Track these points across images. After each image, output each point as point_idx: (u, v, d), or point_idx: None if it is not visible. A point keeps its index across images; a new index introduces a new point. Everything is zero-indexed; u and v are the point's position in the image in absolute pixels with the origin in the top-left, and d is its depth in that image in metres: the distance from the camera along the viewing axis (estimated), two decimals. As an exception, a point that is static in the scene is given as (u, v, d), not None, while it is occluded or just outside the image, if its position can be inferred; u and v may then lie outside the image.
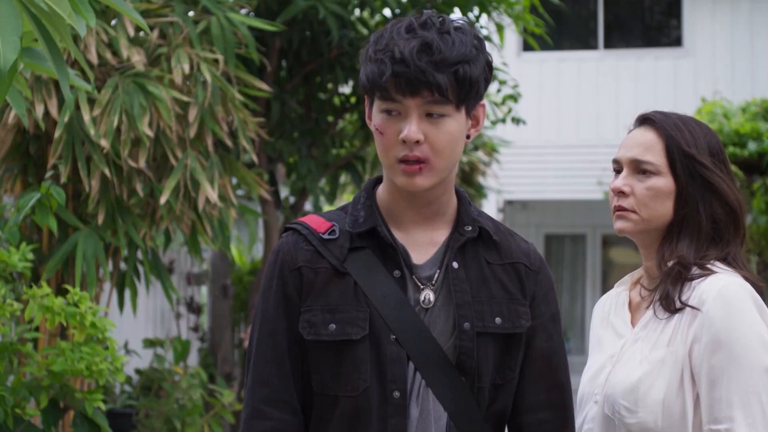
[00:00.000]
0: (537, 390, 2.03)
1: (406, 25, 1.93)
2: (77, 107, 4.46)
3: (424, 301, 1.97)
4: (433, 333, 1.96)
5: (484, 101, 2.01)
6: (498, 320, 1.99)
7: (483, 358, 1.97)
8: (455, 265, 1.99)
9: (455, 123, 1.93)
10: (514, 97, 8.71)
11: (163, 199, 4.59)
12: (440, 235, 2.03)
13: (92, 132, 4.39)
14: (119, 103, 4.46)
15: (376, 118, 1.96)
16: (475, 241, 2.03)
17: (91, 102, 4.54)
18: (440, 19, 1.94)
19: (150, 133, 4.49)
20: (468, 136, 1.99)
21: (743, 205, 2.21)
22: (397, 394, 1.94)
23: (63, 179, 4.21)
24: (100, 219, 4.56)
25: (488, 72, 1.97)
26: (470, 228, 2.02)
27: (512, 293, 2.02)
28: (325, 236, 2.02)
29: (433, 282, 1.99)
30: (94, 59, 4.55)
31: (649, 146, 2.19)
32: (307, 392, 2.00)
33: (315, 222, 2.05)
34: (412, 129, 1.90)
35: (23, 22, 2.10)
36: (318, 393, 1.99)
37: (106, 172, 4.49)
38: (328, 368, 1.97)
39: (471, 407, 1.96)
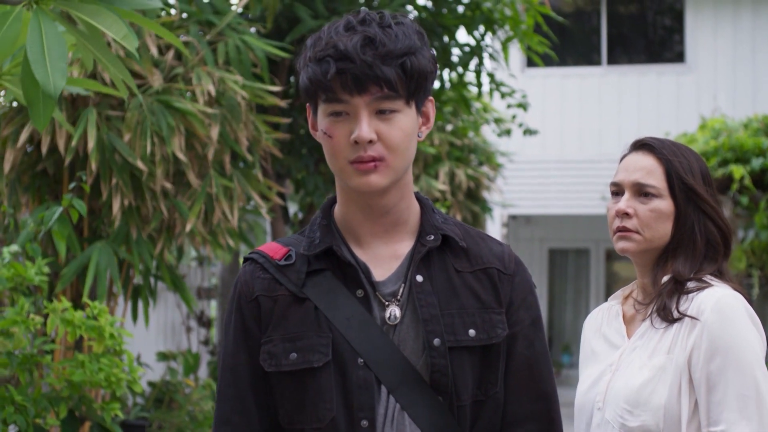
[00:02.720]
0: (520, 401, 1.91)
1: (344, 23, 1.82)
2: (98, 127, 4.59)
3: (390, 318, 1.85)
4: (404, 352, 1.84)
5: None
6: (472, 332, 1.86)
7: (459, 374, 1.84)
8: (419, 278, 1.87)
9: (407, 119, 1.82)
10: (523, 106, 8.79)
11: (188, 227, 4.73)
12: (403, 247, 1.91)
13: (125, 155, 4.52)
14: (148, 124, 4.58)
15: (322, 122, 1.83)
16: (441, 249, 1.91)
17: (109, 119, 4.67)
18: (379, 14, 1.84)
19: (182, 156, 4.62)
20: (420, 135, 1.88)
21: (731, 225, 2.35)
22: (365, 423, 1.81)
23: (86, 189, 4.35)
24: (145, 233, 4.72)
25: (434, 66, 1.86)
26: (432, 237, 1.90)
27: (485, 301, 1.89)
28: (282, 262, 1.90)
29: (398, 297, 1.87)
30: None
31: (650, 170, 2.32)
32: (276, 427, 1.89)
33: (272, 249, 1.94)
34: (363, 128, 1.78)
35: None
36: (285, 428, 1.87)
37: (158, 188, 4.63)
38: (292, 400, 1.85)
39: (451, 428, 1.84)
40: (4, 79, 2.81)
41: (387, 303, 1.86)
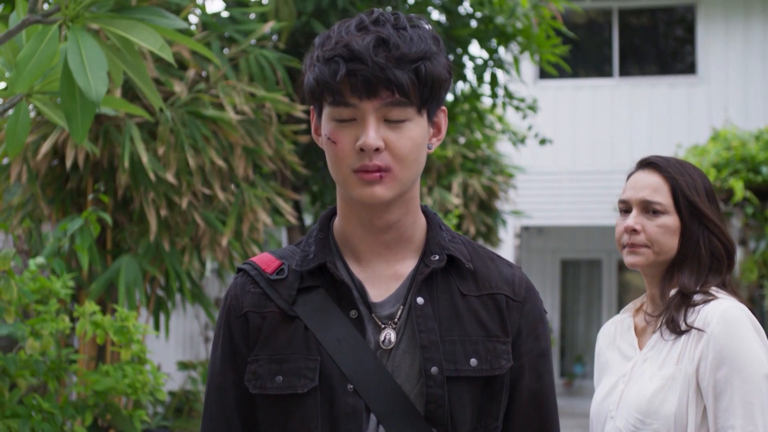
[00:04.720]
0: None
1: (357, 23, 1.68)
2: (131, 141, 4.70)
3: (384, 341, 1.71)
4: (397, 379, 1.69)
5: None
6: (474, 362, 1.71)
7: (457, 405, 1.70)
8: (420, 300, 1.72)
9: (418, 128, 1.68)
10: (533, 108, 8.88)
11: (224, 241, 4.83)
12: (406, 266, 1.76)
13: (155, 168, 4.63)
14: (183, 137, 4.69)
15: (326, 126, 1.69)
16: (446, 270, 1.77)
17: (140, 128, 4.78)
18: (394, 15, 1.70)
19: (222, 162, 4.72)
20: (429, 147, 1.74)
21: (733, 240, 2.46)
22: None
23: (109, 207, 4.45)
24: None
25: (449, 74, 1.73)
26: (437, 257, 1.75)
27: (490, 329, 1.74)
28: (273, 276, 1.77)
29: (395, 320, 1.72)
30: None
31: (657, 188, 2.43)
32: None
33: (265, 261, 1.80)
34: (370, 135, 1.64)
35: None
36: None
37: (192, 201, 4.74)
38: (275, 425, 1.72)
39: None
40: (35, 98, 2.91)
41: (383, 326, 1.72)
